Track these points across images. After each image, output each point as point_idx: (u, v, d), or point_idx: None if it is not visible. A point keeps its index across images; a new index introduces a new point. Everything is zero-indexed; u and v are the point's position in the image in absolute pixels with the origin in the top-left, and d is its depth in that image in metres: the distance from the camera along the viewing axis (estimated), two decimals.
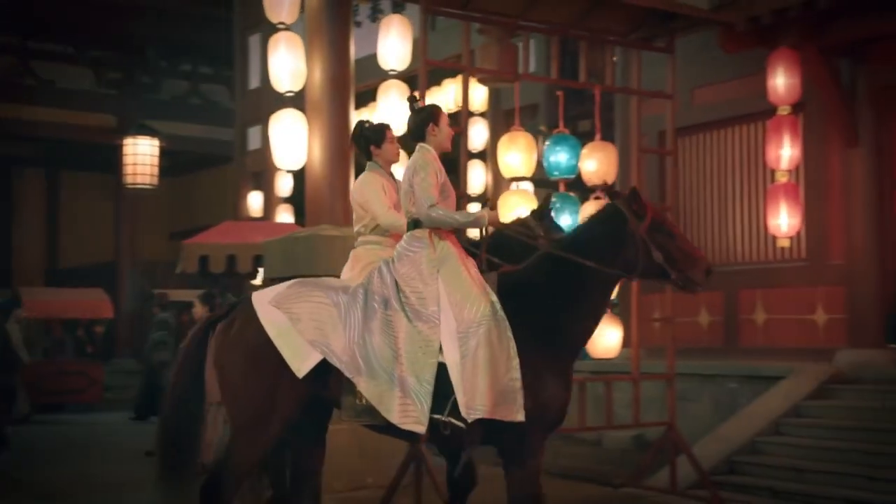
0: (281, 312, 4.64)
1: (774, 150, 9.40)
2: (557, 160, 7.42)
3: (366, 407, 4.61)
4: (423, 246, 4.72)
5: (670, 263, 4.77)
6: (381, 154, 5.45)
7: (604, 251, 4.76)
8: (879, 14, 9.00)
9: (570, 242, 4.92)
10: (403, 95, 9.35)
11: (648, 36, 8.20)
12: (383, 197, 5.30)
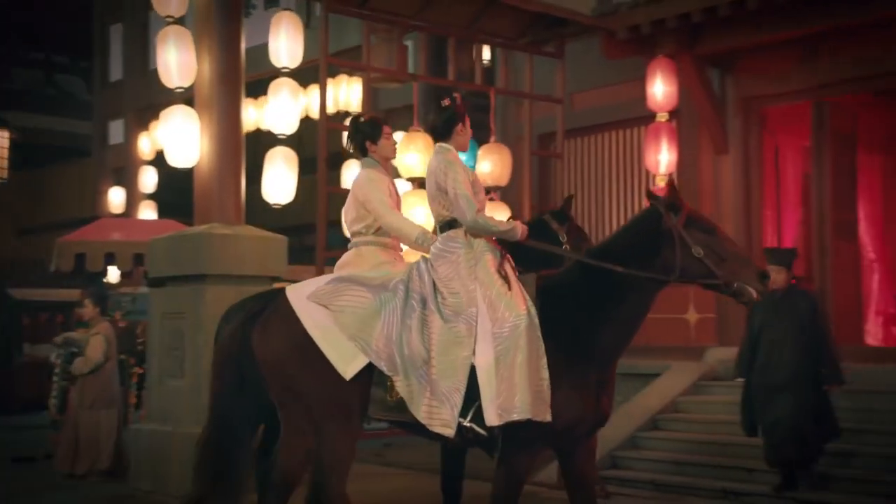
0: (323, 309, 4.53)
1: (653, 154, 9.77)
2: None
3: (396, 403, 4.53)
4: (461, 246, 4.66)
5: (713, 261, 4.53)
6: (377, 150, 5.33)
7: (639, 253, 4.58)
8: (747, 27, 9.48)
9: (605, 247, 4.82)
10: (295, 93, 9.25)
11: (538, 40, 8.40)
12: (388, 198, 5.17)
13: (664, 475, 8.25)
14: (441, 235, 4.76)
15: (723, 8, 9.07)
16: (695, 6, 9.23)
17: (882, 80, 9.47)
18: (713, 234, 4.61)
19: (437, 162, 4.79)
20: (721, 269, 4.52)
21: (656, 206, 4.63)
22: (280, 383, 4.59)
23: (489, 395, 4.38)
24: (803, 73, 9.77)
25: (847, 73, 9.45)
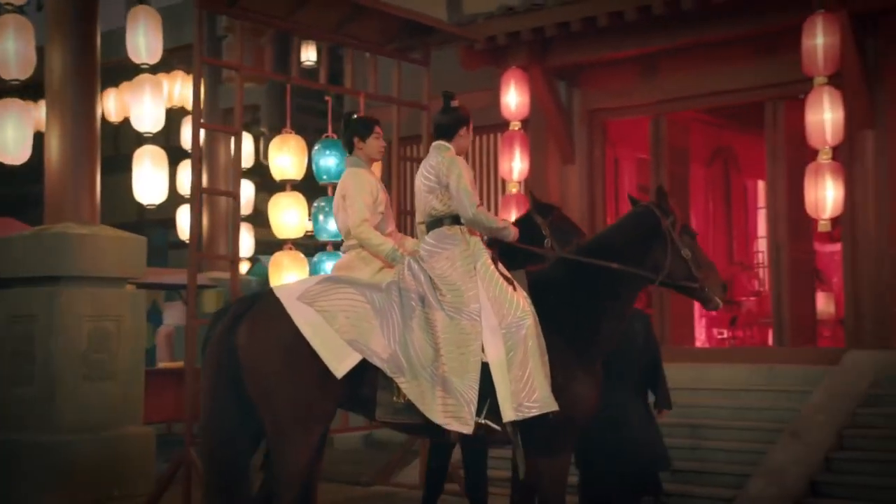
0: (313, 310, 4.37)
1: (507, 162, 10.08)
2: (327, 164, 7.47)
3: (405, 405, 4.45)
4: (457, 242, 4.64)
5: (696, 267, 4.75)
6: (364, 148, 5.24)
7: (634, 250, 4.73)
8: (594, 43, 9.94)
9: (599, 242, 4.89)
10: (158, 90, 8.98)
11: (403, 48, 8.51)
12: (367, 204, 5.05)
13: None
14: (433, 232, 4.76)
15: (575, 23, 9.48)
16: (548, 20, 9.60)
17: (711, 99, 10.12)
18: (695, 241, 4.88)
19: (439, 159, 4.79)
20: (699, 275, 4.77)
21: (652, 209, 4.82)
22: (257, 384, 4.44)
23: (504, 391, 4.40)
24: (643, 89, 10.32)
25: (682, 91, 10.05)
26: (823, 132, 8.32)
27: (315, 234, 7.57)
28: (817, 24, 8.35)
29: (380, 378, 4.48)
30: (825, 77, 8.36)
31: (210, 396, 4.53)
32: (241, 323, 4.51)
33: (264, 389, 4.41)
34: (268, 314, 4.50)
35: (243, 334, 4.48)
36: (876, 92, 8.87)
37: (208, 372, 4.57)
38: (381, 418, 4.57)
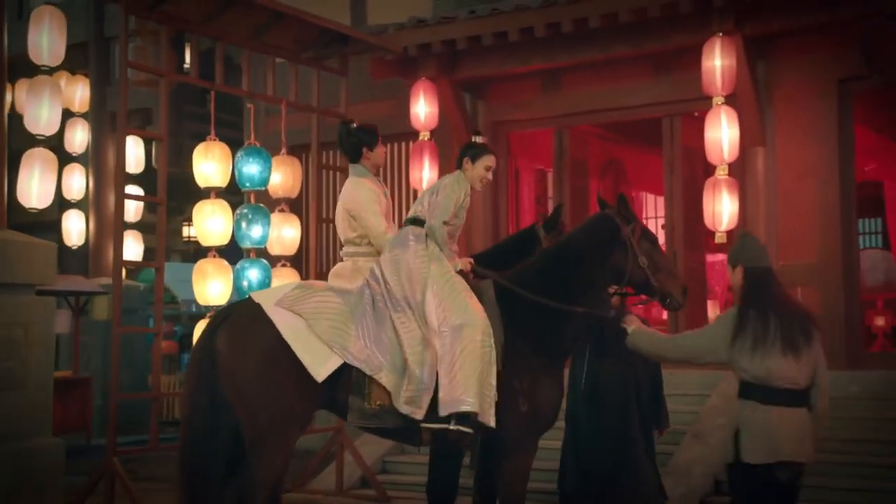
0: (293, 314, 4.38)
1: (417, 171, 10.24)
2: (249, 172, 7.48)
3: (375, 410, 4.53)
4: (418, 241, 4.77)
5: (653, 272, 4.89)
6: (371, 157, 5.25)
7: (594, 256, 4.87)
8: (501, 57, 10.22)
9: (561, 248, 5.00)
10: (56, 94, 8.73)
11: (321, 56, 8.58)
12: (379, 210, 5.07)
13: None
14: (402, 229, 4.96)
15: (486, 37, 9.73)
16: (460, 33, 9.83)
17: (612, 114, 10.56)
18: (655, 245, 5.05)
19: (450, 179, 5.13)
20: (656, 279, 4.92)
21: (613, 216, 4.99)
22: (236, 388, 4.44)
23: (440, 388, 4.57)
24: (546, 103, 10.66)
25: (584, 105, 10.44)
26: (721, 149, 8.81)
27: (238, 241, 7.55)
28: (716, 46, 8.84)
29: (353, 383, 4.57)
30: (722, 97, 8.85)
31: (189, 404, 4.54)
32: (221, 329, 4.54)
33: (243, 394, 4.44)
34: (246, 320, 4.55)
35: (223, 340, 4.51)
36: (766, 112, 9.43)
37: (189, 379, 4.59)
38: (353, 422, 4.66)
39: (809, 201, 9.29)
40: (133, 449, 8.14)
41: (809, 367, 4.40)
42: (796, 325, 4.40)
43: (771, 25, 9.07)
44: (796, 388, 4.38)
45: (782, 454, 4.34)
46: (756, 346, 4.37)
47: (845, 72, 9.17)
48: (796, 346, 4.36)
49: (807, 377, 4.41)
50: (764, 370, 4.38)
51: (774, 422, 4.35)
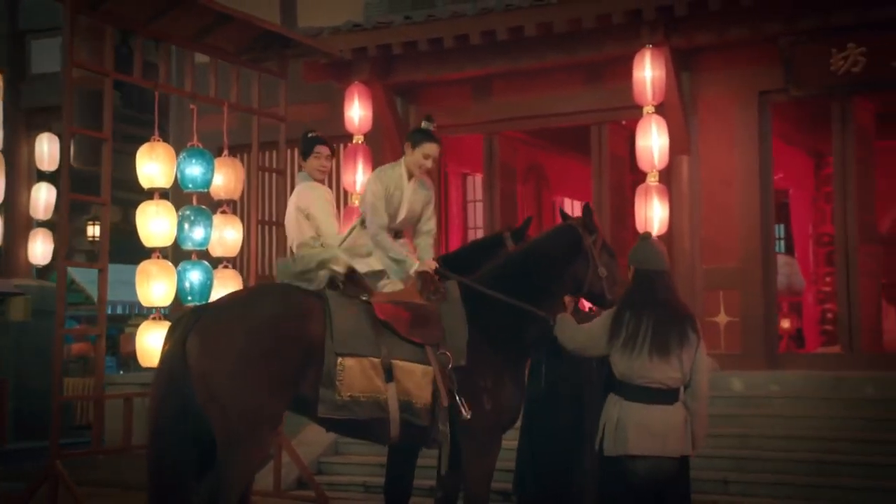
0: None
1: (350, 174, 10.30)
2: (192, 173, 7.45)
3: (346, 401, 4.59)
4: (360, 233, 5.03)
5: (610, 285, 5.06)
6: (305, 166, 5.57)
7: (556, 265, 5.04)
8: (435, 62, 10.38)
9: (525, 254, 5.14)
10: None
11: (261, 58, 8.57)
12: (332, 212, 5.15)
13: (374, 477, 8.74)
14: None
15: (422, 43, 9.87)
16: (396, 39, 9.94)
17: (542, 120, 10.81)
18: (614, 258, 5.22)
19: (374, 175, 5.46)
20: (611, 292, 5.11)
21: (577, 227, 5.15)
22: (209, 390, 4.44)
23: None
24: (477, 109, 10.86)
25: (515, 112, 10.67)
26: (651, 156, 9.13)
27: (179, 242, 7.51)
28: (646, 57, 9.16)
29: (324, 375, 4.66)
30: (653, 106, 9.18)
31: (159, 409, 4.53)
32: (191, 333, 4.56)
33: (216, 394, 4.47)
34: (216, 321, 4.59)
35: (194, 343, 4.52)
36: (691, 121, 9.81)
37: (159, 383, 4.57)
38: (324, 414, 4.72)
39: (731, 207, 9.69)
40: (76, 452, 8.00)
41: (683, 369, 4.60)
42: (672, 326, 4.59)
43: (696, 39, 9.44)
44: (661, 387, 4.57)
45: (628, 448, 4.55)
46: (626, 345, 4.59)
47: (765, 84, 9.61)
48: (666, 347, 4.55)
49: (677, 378, 4.60)
50: (629, 368, 4.59)
51: (628, 417, 4.58)
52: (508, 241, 5.76)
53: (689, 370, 4.63)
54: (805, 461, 7.93)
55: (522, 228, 5.92)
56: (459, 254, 6.13)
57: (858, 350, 9.39)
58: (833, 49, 9.15)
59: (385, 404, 4.74)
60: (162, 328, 7.21)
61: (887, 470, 7.75)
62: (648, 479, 4.58)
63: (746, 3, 8.78)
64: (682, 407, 4.64)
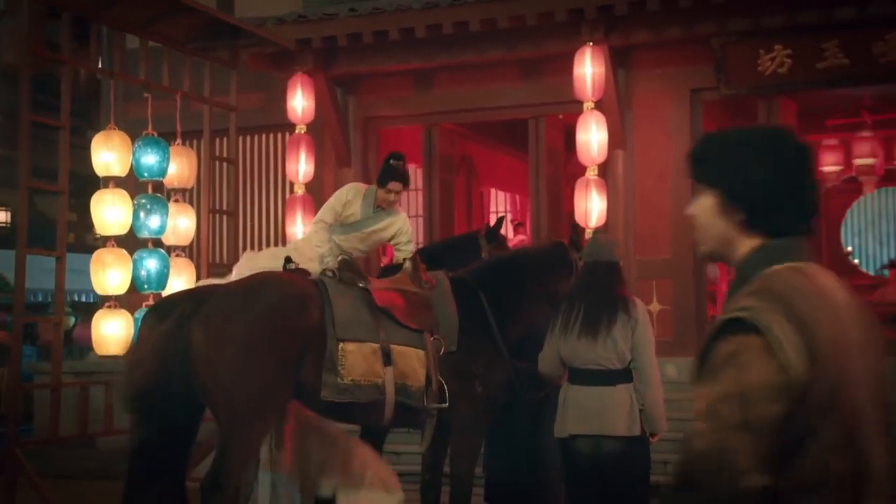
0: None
1: (293, 164, 10.37)
2: (147, 162, 7.46)
3: (348, 385, 4.72)
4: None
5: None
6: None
7: (542, 272, 5.43)
8: (378, 54, 10.50)
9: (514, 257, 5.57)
10: None
11: (211, 47, 8.60)
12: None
13: None
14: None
15: (367, 35, 9.99)
16: (341, 31, 10.04)
17: (480, 113, 11.05)
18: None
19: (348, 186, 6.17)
20: None
21: (566, 244, 5.60)
22: (215, 377, 4.52)
23: None
24: (418, 100, 11.03)
25: (455, 104, 10.87)
26: (590, 151, 9.45)
27: (135, 231, 7.52)
28: (586, 54, 9.47)
29: (326, 361, 4.82)
30: (592, 102, 9.49)
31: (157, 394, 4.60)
32: (194, 320, 4.63)
33: (221, 382, 4.57)
34: (221, 308, 4.69)
35: (198, 331, 4.60)
36: (626, 117, 10.16)
37: (151, 366, 4.63)
38: (327, 398, 4.86)
39: (664, 201, 10.07)
40: (34, 441, 7.93)
41: (618, 349, 4.79)
42: (602, 309, 4.81)
43: (634, 37, 9.78)
44: (599, 368, 4.79)
45: (568, 428, 4.82)
46: (563, 331, 4.88)
47: (697, 82, 10.02)
48: (594, 328, 4.78)
49: (612, 359, 4.79)
50: (566, 352, 4.89)
51: (570, 398, 4.86)
52: (482, 240, 6.12)
53: (626, 350, 4.81)
54: None
55: (495, 229, 6.27)
56: (434, 248, 6.40)
57: None
58: (761, 50, 9.60)
59: (382, 387, 4.94)
60: (118, 317, 7.23)
61: None
62: (591, 458, 4.79)
63: (683, 4, 9.15)
64: (627, 389, 4.83)
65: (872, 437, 1.85)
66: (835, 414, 1.81)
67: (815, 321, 1.82)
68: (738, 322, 1.83)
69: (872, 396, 1.88)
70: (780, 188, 1.98)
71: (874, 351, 1.92)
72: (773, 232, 1.98)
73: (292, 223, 10.33)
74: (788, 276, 1.90)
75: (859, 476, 1.83)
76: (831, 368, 1.81)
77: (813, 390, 1.79)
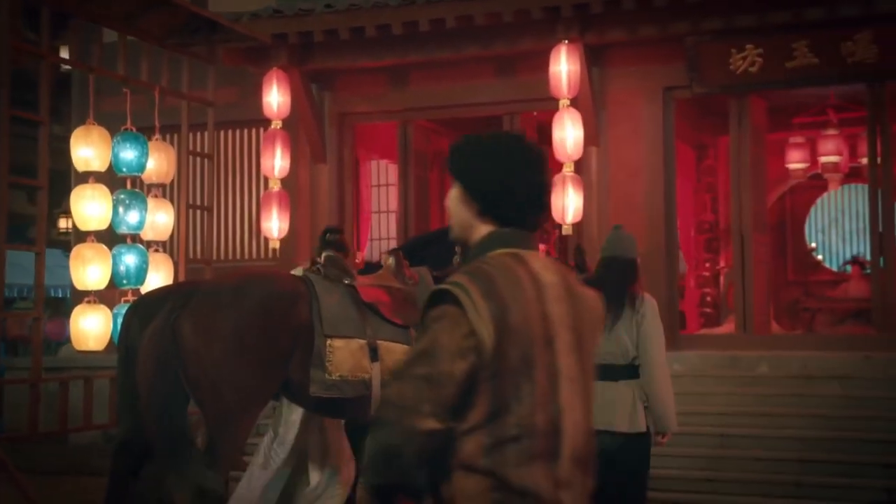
0: None
1: (269, 159, 10.36)
2: (126, 157, 7.44)
3: (336, 381, 4.77)
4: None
5: None
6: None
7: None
8: (354, 51, 10.54)
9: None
10: None
11: (189, 43, 8.58)
12: None
13: None
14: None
15: (343, 31, 10.01)
16: (318, 26, 10.05)
17: (456, 110, 11.12)
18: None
19: None
20: None
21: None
22: (204, 372, 4.57)
23: None
24: (393, 97, 11.07)
25: (430, 101, 10.94)
26: (566, 148, 9.55)
27: (114, 226, 7.50)
28: (562, 52, 9.56)
29: (314, 358, 4.88)
30: (568, 99, 9.59)
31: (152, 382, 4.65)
32: (182, 315, 4.67)
33: (211, 377, 4.62)
34: (209, 304, 4.72)
35: (187, 326, 4.64)
36: (600, 115, 10.27)
37: (149, 362, 4.66)
38: (315, 393, 4.92)
39: (637, 197, 10.21)
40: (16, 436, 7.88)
41: (622, 344, 4.76)
42: (609, 305, 4.57)
43: (609, 36, 9.90)
44: (604, 363, 4.62)
45: None
46: None
47: (670, 81, 10.16)
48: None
49: (616, 354, 4.76)
50: None
51: None
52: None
53: (629, 346, 4.77)
54: (709, 434, 8.53)
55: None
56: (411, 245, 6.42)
57: (752, 331, 10.06)
58: (733, 50, 9.75)
59: (370, 383, 5.01)
60: (97, 312, 7.22)
61: (780, 442, 8.43)
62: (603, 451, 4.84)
63: (658, 3, 9.27)
64: (630, 385, 4.80)
65: (570, 397, 2.25)
66: (531, 376, 2.18)
67: (513, 298, 2.19)
68: (446, 293, 2.20)
69: (574, 363, 2.27)
70: (510, 185, 2.32)
71: (579, 324, 2.31)
72: (503, 222, 2.33)
73: (268, 219, 10.33)
74: (502, 259, 2.27)
75: (556, 428, 2.21)
76: (524, 338, 2.18)
77: (507, 355, 2.16)
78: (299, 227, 11.16)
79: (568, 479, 2.23)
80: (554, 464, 2.21)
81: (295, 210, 11.01)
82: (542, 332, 2.22)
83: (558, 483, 2.21)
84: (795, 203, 15.65)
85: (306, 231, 11.26)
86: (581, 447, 2.28)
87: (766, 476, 8.09)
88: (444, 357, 2.13)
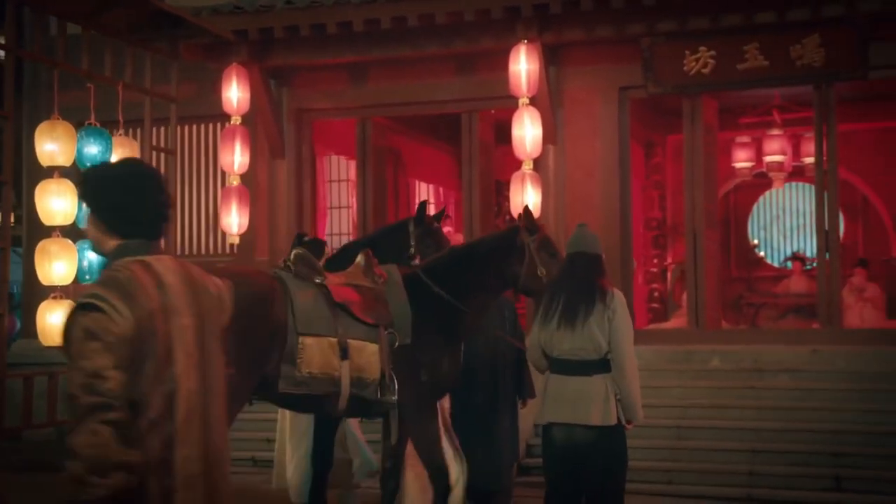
0: None
1: (228, 155, 10.36)
2: (90, 152, 7.40)
3: (305, 378, 4.87)
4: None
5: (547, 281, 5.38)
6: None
7: (496, 260, 5.50)
8: (314, 47, 10.58)
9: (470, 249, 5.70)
10: None
11: (151, 38, 8.54)
12: None
13: (263, 452, 8.94)
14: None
15: (304, 28, 10.04)
16: (278, 23, 10.07)
17: (415, 107, 11.23)
18: (555, 257, 5.59)
19: None
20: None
21: (518, 228, 5.63)
22: None
23: None
24: (352, 94, 11.13)
25: (389, 98, 11.01)
26: (525, 146, 9.70)
27: (77, 222, 7.46)
28: (521, 51, 9.71)
29: (286, 354, 4.97)
30: (527, 98, 9.74)
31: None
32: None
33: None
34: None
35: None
36: (557, 114, 10.44)
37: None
38: (284, 390, 5.02)
39: (593, 196, 10.40)
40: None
41: (595, 339, 4.83)
42: (581, 299, 4.86)
43: (566, 36, 10.06)
44: (576, 358, 4.84)
45: (546, 416, 4.94)
46: (543, 320, 4.97)
47: (625, 81, 10.36)
48: (573, 318, 4.83)
49: (589, 349, 4.85)
50: (545, 341, 4.98)
51: (549, 387, 4.98)
52: (411, 226, 6.41)
53: (602, 341, 4.85)
54: (665, 426, 8.76)
55: (419, 215, 6.52)
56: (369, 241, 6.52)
57: (704, 326, 10.32)
58: (687, 51, 9.98)
59: (338, 380, 5.08)
60: (63, 307, 7.17)
61: (733, 433, 8.71)
62: (565, 446, 4.88)
63: (615, 4, 9.46)
64: (604, 379, 4.88)
65: (187, 369, 2.75)
66: (152, 355, 2.69)
67: (141, 296, 2.69)
68: (89, 305, 2.64)
69: (193, 341, 2.79)
70: (129, 205, 2.80)
71: (202, 310, 2.83)
72: (127, 235, 2.80)
73: (227, 214, 10.33)
74: (129, 266, 2.74)
75: (173, 393, 2.71)
76: (148, 326, 2.68)
77: (139, 340, 2.66)
78: (258, 223, 11.17)
79: (183, 438, 2.70)
80: (169, 425, 2.68)
81: (254, 206, 11.03)
82: (162, 320, 2.71)
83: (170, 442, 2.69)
84: (739, 201, 16.05)
85: (264, 227, 11.29)
86: (195, 408, 2.74)
87: (720, 466, 8.36)
88: (98, 353, 2.60)
